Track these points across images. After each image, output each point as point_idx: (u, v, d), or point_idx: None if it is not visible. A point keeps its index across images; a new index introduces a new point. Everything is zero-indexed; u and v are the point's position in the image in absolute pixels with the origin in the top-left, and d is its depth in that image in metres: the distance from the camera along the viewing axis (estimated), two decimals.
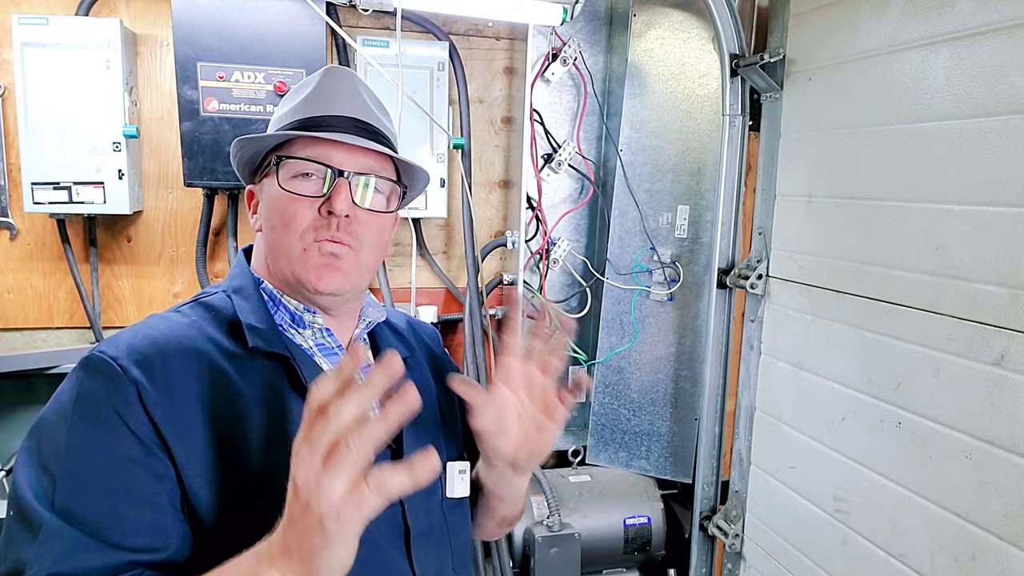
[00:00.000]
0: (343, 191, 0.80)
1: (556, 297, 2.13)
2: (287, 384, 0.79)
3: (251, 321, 0.80)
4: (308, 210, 0.81)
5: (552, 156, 2.04)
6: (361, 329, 0.91)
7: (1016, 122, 1.18)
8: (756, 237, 1.86)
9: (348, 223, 0.81)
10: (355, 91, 0.87)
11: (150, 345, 0.74)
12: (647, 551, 2.06)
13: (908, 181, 1.39)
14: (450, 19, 1.98)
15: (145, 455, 0.69)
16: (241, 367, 0.78)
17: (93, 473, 0.67)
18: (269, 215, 0.84)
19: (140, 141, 1.82)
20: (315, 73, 0.89)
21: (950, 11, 1.29)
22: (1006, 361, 1.20)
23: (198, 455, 0.71)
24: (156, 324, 0.78)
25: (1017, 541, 1.18)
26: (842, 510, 1.58)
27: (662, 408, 2.14)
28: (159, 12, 1.80)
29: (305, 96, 0.86)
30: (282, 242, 0.82)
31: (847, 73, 1.54)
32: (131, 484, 0.68)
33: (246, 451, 0.74)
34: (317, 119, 0.83)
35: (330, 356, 0.86)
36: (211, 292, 0.86)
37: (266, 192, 0.85)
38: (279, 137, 0.83)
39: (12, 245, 1.81)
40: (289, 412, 0.78)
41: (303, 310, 0.85)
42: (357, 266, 0.84)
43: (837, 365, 1.58)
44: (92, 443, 0.68)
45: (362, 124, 0.85)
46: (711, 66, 2.00)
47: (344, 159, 0.82)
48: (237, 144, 0.85)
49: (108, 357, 0.71)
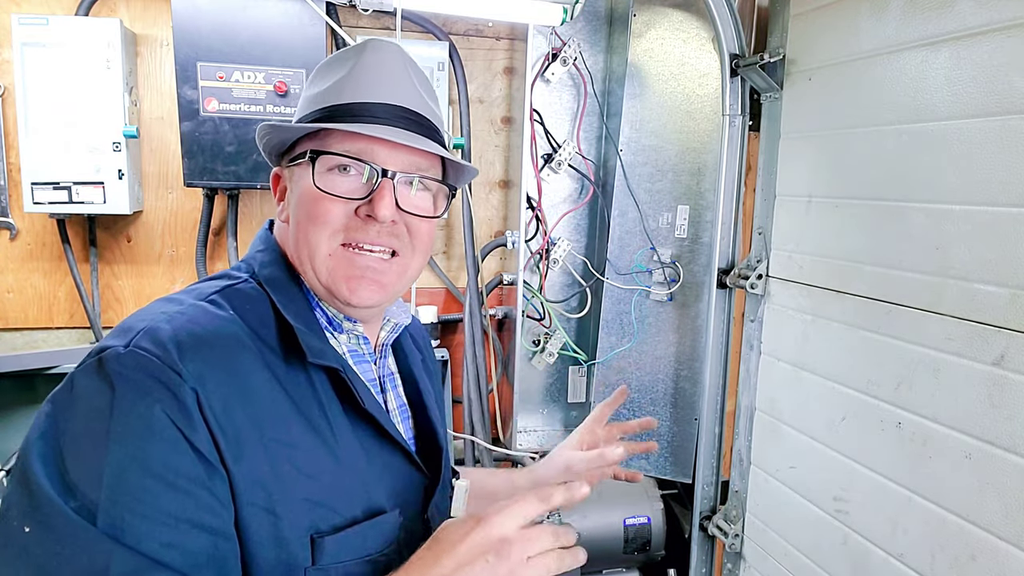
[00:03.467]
0: (387, 194, 0.71)
1: (556, 297, 2.13)
2: (335, 399, 0.71)
3: (301, 326, 0.70)
4: (343, 209, 0.72)
5: (552, 156, 2.04)
6: (388, 333, 0.85)
7: (1016, 122, 1.18)
8: (756, 237, 1.86)
9: (393, 227, 0.73)
10: (403, 72, 0.76)
11: (200, 343, 0.62)
12: (647, 551, 2.06)
13: (908, 181, 1.39)
14: (450, 19, 1.98)
15: (209, 476, 0.58)
16: (287, 376, 0.68)
17: (148, 498, 0.55)
18: (298, 209, 0.74)
19: (140, 141, 1.82)
20: (354, 46, 0.77)
21: (950, 11, 1.29)
22: (1006, 361, 1.20)
23: (253, 479, 0.62)
24: (196, 317, 0.65)
25: (1017, 541, 1.18)
26: (842, 510, 1.57)
27: (662, 408, 2.14)
28: (159, 12, 1.80)
29: (345, 75, 0.74)
30: (308, 239, 0.72)
31: (847, 73, 1.54)
32: (196, 510, 0.57)
33: (299, 477, 0.66)
34: (359, 106, 0.72)
35: (360, 363, 0.80)
36: (238, 278, 0.74)
37: (297, 183, 0.75)
38: (313, 128, 0.73)
39: (12, 245, 1.81)
40: (337, 432, 0.70)
41: (343, 318, 0.78)
42: (401, 275, 0.76)
43: (837, 365, 1.58)
44: (144, 462, 0.56)
45: (411, 115, 0.74)
46: (711, 66, 2.00)
47: (389, 157, 0.72)
48: (265, 129, 0.75)
49: (154, 356, 0.59)
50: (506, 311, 2.12)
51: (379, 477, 0.73)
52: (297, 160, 0.75)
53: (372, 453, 0.73)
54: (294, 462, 0.65)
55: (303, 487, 0.66)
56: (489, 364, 2.08)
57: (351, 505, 0.70)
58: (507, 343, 2.12)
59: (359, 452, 0.72)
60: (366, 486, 0.72)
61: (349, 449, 0.71)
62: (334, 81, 0.75)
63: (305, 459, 0.66)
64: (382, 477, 0.74)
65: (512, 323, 2.03)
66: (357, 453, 0.71)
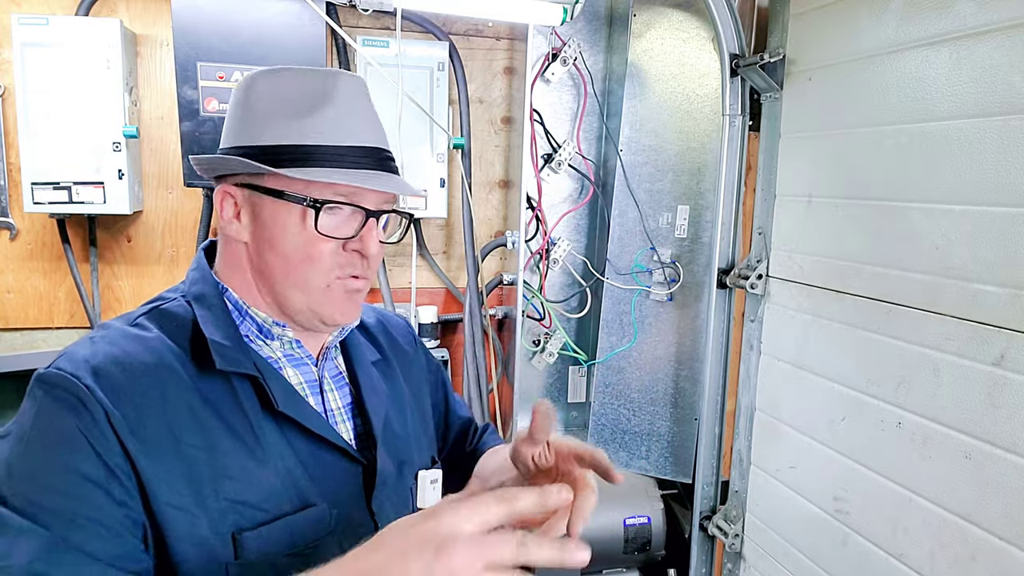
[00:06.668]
0: (374, 232, 0.80)
1: (556, 297, 2.13)
2: (257, 403, 0.76)
3: (216, 337, 0.75)
4: (334, 246, 0.78)
5: (552, 156, 2.04)
6: (335, 336, 0.88)
7: (1016, 122, 1.18)
8: (756, 237, 1.86)
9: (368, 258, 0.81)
10: (370, 109, 0.82)
11: (113, 365, 0.69)
12: (647, 551, 2.06)
13: (908, 181, 1.39)
14: (450, 19, 1.98)
15: (106, 478, 0.64)
16: (207, 386, 0.74)
17: (49, 495, 0.62)
18: (286, 245, 0.77)
19: (140, 141, 1.82)
20: (322, 77, 0.80)
21: (950, 11, 1.29)
22: (1006, 361, 1.20)
23: (170, 482, 0.68)
24: (115, 340, 0.72)
25: (1017, 541, 1.18)
26: (842, 510, 1.58)
27: (662, 408, 2.14)
28: (159, 12, 1.80)
29: (319, 112, 0.77)
30: (301, 275, 0.78)
31: (847, 73, 1.54)
32: (92, 506, 0.63)
33: (218, 479, 0.71)
34: (342, 149, 0.77)
35: (299, 366, 0.84)
36: (169, 298, 0.80)
37: (275, 217, 0.77)
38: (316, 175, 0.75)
39: (12, 245, 1.81)
40: (259, 434, 0.75)
41: (272, 323, 0.81)
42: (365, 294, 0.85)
43: (837, 365, 1.58)
44: (49, 464, 0.64)
45: (384, 154, 0.81)
46: (711, 66, 2.00)
47: (370, 197, 0.79)
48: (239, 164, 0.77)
49: (69, 374, 0.66)
50: (506, 311, 2.12)
51: (311, 473, 0.78)
52: (276, 195, 0.77)
53: (302, 451, 0.78)
54: (213, 464, 0.71)
55: (224, 487, 0.71)
56: (489, 364, 2.08)
57: (279, 502, 0.75)
58: (507, 343, 2.12)
59: (286, 451, 0.77)
60: (295, 483, 0.76)
61: (274, 448, 0.76)
62: (312, 117, 0.77)
63: (225, 461, 0.72)
64: (314, 473, 0.78)
65: (512, 323, 2.03)
66: (284, 452, 0.76)
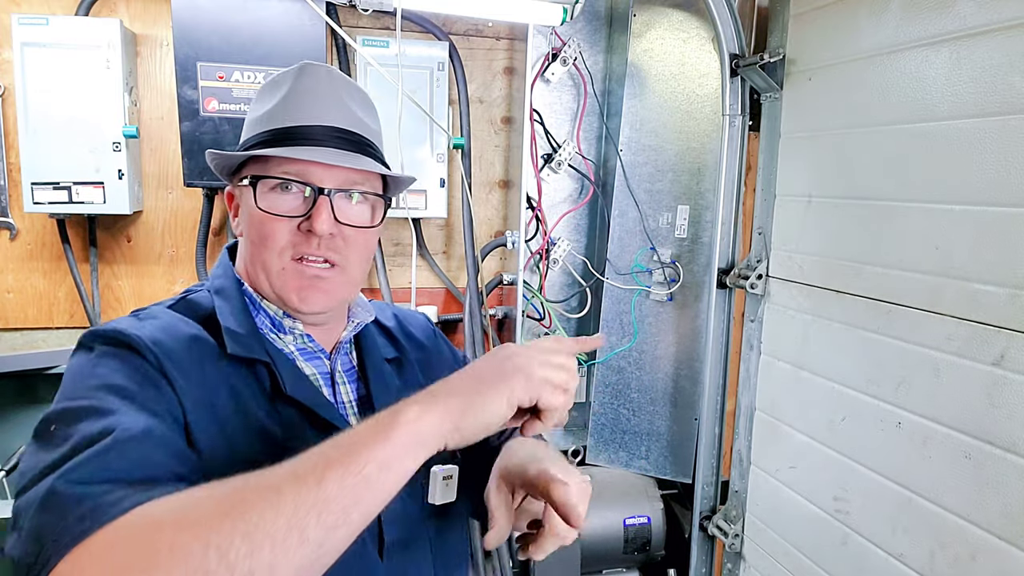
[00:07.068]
0: (324, 210, 0.77)
1: (556, 297, 2.13)
2: (268, 390, 0.77)
3: (230, 325, 0.78)
4: (286, 226, 0.78)
5: (552, 156, 2.04)
6: (348, 332, 0.89)
7: (1016, 122, 1.18)
8: (756, 237, 1.86)
9: (332, 240, 0.79)
10: (334, 93, 0.82)
11: (161, 332, 0.72)
12: (647, 551, 2.06)
13: (908, 181, 1.39)
14: (450, 19, 1.98)
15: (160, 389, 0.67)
16: (233, 370, 0.76)
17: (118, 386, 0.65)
18: (249, 228, 0.82)
19: (140, 141, 1.82)
20: (289, 70, 0.83)
21: (950, 11, 1.29)
22: (1006, 361, 1.20)
23: (208, 434, 0.69)
24: (158, 315, 0.76)
25: (1017, 541, 1.18)
26: (842, 510, 1.58)
27: (662, 408, 2.14)
28: (159, 12, 1.80)
29: (279, 100, 0.81)
30: (260, 257, 0.80)
31: (847, 73, 1.54)
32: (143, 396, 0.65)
33: (230, 456, 0.71)
34: (296, 129, 0.79)
35: (312, 360, 0.84)
36: (197, 289, 0.84)
37: (245, 203, 0.82)
38: (251, 155, 0.79)
39: (12, 245, 1.81)
40: (270, 418, 0.75)
41: (282, 316, 0.83)
42: (344, 283, 0.83)
43: (837, 365, 1.58)
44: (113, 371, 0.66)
45: (345, 134, 0.81)
46: (711, 66, 2.00)
47: (324, 175, 0.78)
48: (211, 156, 0.83)
49: (123, 331, 0.69)
50: (506, 311, 2.12)
51: None
52: (242, 179, 0.82)
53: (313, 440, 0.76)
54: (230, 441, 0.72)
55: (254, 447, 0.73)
56: None
57: None
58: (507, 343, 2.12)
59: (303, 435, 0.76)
60: None
61: (293, 431, 0.76)
62: (271, 106, 0.81)
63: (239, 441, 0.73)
64: None
65: (512, 323, 2.03)
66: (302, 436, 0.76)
